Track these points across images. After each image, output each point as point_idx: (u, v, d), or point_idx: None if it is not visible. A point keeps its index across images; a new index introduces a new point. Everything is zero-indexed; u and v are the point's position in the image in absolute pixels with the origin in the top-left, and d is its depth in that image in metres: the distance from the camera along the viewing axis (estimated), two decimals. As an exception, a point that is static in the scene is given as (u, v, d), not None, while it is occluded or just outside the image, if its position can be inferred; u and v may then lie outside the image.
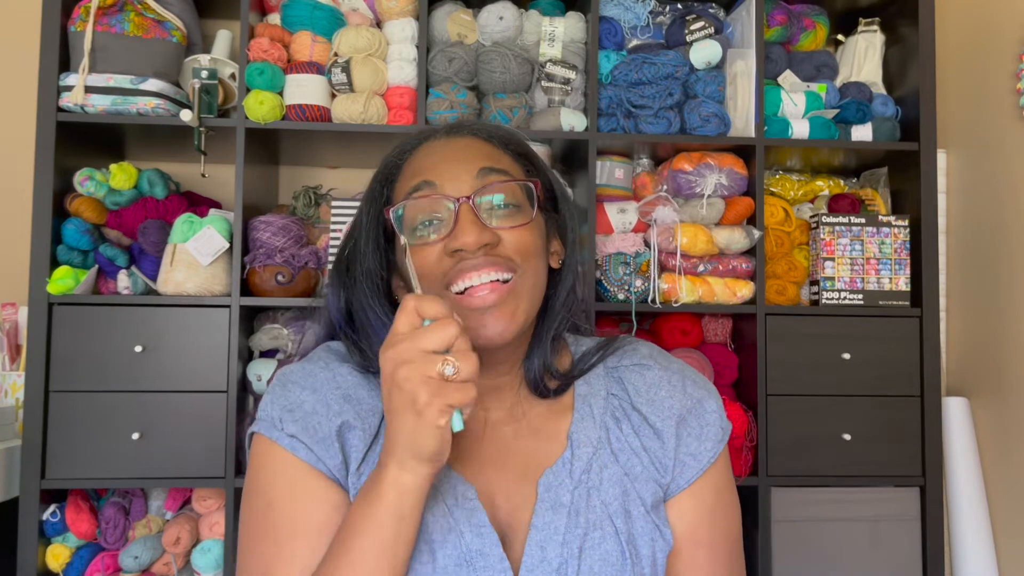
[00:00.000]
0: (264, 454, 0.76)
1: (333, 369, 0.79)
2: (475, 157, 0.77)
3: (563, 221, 0.84)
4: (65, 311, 1.59)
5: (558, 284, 0.82)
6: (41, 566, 1.60)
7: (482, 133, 0.81)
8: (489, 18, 1.72)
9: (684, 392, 0.82)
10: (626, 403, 0.82)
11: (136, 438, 1.57)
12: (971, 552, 1.76)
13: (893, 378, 1.72)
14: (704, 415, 0.82)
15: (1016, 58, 1.75)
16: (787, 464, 1.68)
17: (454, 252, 0.73)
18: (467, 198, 0.74)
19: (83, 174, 1.68)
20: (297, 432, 0.74)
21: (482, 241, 0.72)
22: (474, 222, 0.73)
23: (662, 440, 0.80)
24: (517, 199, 0.77)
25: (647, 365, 0.84)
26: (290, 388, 0.77)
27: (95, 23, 1.59)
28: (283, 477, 0.74)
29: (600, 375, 0.83)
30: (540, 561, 0.73)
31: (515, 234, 0.75)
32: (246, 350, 1.72)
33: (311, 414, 0.75)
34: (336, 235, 1.69)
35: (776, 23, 1.82)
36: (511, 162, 0.80)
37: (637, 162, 1.84)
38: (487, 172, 0.76)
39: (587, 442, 0.79)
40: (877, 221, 1.77)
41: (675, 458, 0.79)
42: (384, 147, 1.79)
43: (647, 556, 0.76)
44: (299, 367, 0.80)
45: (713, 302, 1.71)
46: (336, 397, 0.77)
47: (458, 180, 0.75)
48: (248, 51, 1.66)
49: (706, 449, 0.80)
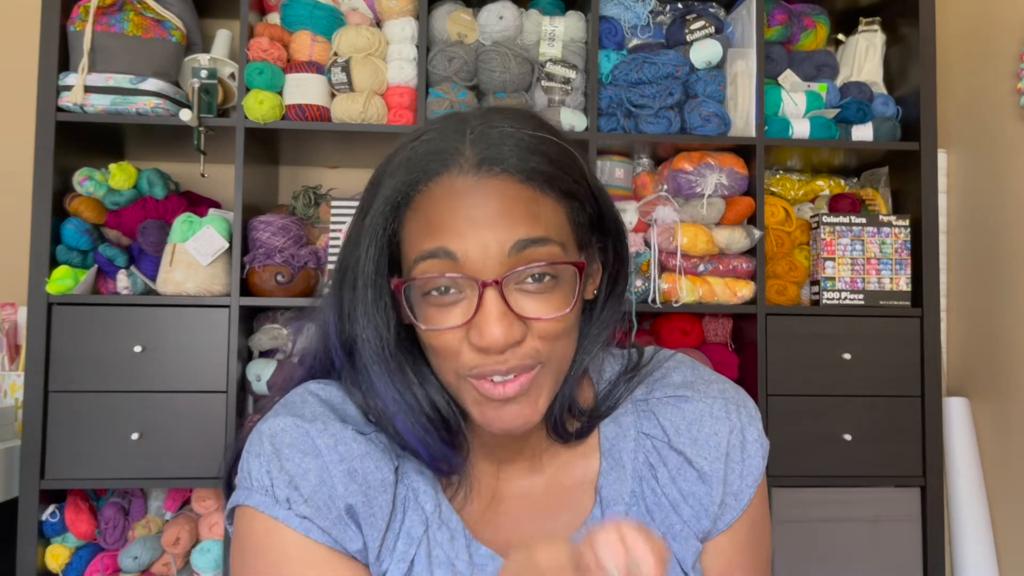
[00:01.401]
0: (267, 535, 0.62)
1: (333, 433, 0.64)
2: (509, 221, 0.59)
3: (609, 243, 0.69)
4: (64, 311, 1.59)
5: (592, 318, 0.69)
6: (40, 566, 1.60)
7: (521, 172, 0.61)
8: (489, 17, 1.72)
9: (729, 422, 0.70)
10: (663, 444, 0.70)
11: (136, 438, 1.57)
12: (971, 552, 1.76)
13: (893, 378, 1.71)
14: (747, 446, 0.70)
15: (1016, 58, 1.75)
16: (787, 464, 1.68)
17: (477, 347, 0.60)
18: (496, 283, 0.59)
19: (82, 174, 1.68)
20: (310, 514, 0.62)
21: (511, 339, 0.59)
22: (503, 315, 0.59)
23: (708, 484, 0.69)
24: (557, 271, 0.61)
25: (684, 396, 0.71)
26: (287, 456, 0.63)
27: (94, 23, 1.59)
28: (302, 563, 0.62)
29: (629, 411, 0.71)
30: None
31: (548, 325, 0.61)
32: (246, 350, 1.72)
33: (319, 487, 0.63)
34: (336, 235, 1.69)
35: (776, 23, 1.81)
36: (554, 213, 0.62)
37: (637, 162, 1.84)
38: (524, 245, 0.59)
39: (618, 498, 0.69)
40: (878, 221, 1.77)
41: (721, 502, 0.69)
42: (384, 147, 1.78)
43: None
44: (293, 427, 0.64)
45: (713, 302, 1.71)
46: (340, 472, 0.63)
47: (485, 254, 0.59)
48: (248, 51, 1.66)
49: (747, 486, 0.70)
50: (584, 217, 0.66)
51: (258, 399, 1.73)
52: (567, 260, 0.62)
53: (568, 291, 0.62)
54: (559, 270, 0.61)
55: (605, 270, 0.70)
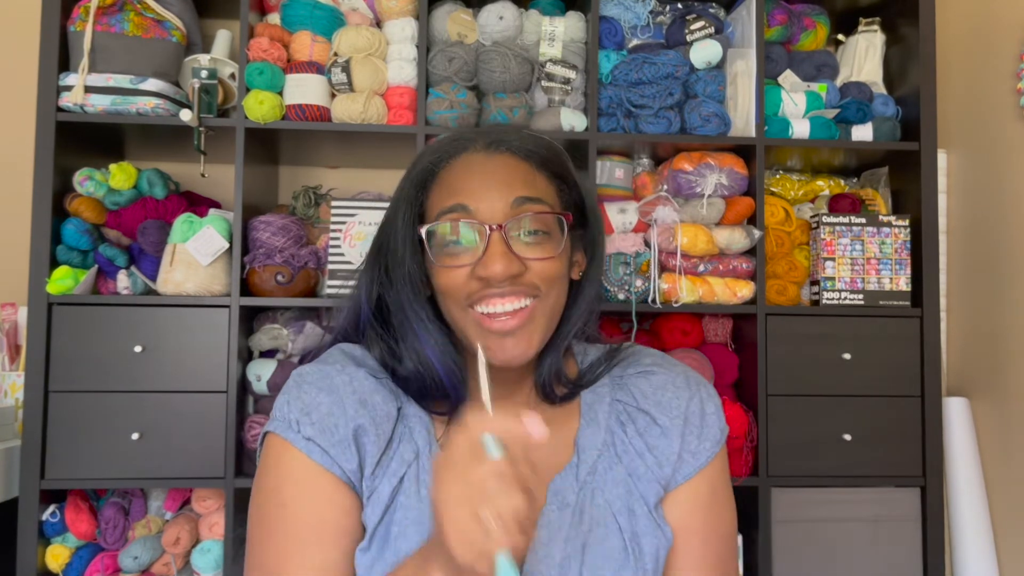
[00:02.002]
0: (278, 455, 0.76)
1: (349, 373, 0.79)
2: (511, 183, 0.77)
3: (590, 236, 0.85)
4: (65, 311, 1.59)
5: (577, 296, 0.84)
6: (41, 566, 1.60)
7: (521, 152, 0.80)
8: (489, 18, 1.72)
9: (688, 392, 0.85)
10: (632, 407, 0.84)
11: (136, 438, 1.57)
12: (971, 552, 1.76)
13: (893, 378, 1.72)
14: (706, 416, 0.84)
15: (1016, 58, 1.75)
16: (787, 464, 1.68)
17: (481, 277, 0.74)
18: (499, 227, 0.75)
19: (83, 174, 1.68)
20: (314, 435, 0.75)
21: (510, 272, 0.74)
22: (504, 253, 0.74)
23: (668, 438, 0.82)
24: (548, 227, 0.77)
25: (652, 370, 0.86)
26: (306, 389, 0.78)
27: (95, 23, 1.59)
28: (297, 479, 0.75)
29: (606, 384, 0.86)
30: (544, 556, 0.75)
31: (542, 263, 0.76)
32: (246, 350, 1.72)
33: (327, 416, 0.76)
34: (336, 235, 1.69)
35: (776, 23, 1.81)
36: (546, 185, 0.80)
37: (637, 162, 1.84)
38: (522, 201, 0.76)
39: (592, 447, 0.81)
40: (877, 221, 1.77)
41: (679, 455, 0.82)
42: (384, 147, 1.81)
43: (650, 553, 0.78)
44: (315, 368, 0.80)
45: (713, 302, 1.71)
46: (352, 401, 0.77)
47: (492, 207, 0.76)
48: (248, 51, 1.66)
49: (705, 448, 0.83)
50: (570, 199, 0.82)
51: (258, 399, 1.73)
52: (556, 212, 0.78)
53: (557, 242, 0.78)
54: (550, 224, 0.77)
55: (587, 257, 0.85)
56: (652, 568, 0.78)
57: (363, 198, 1.79)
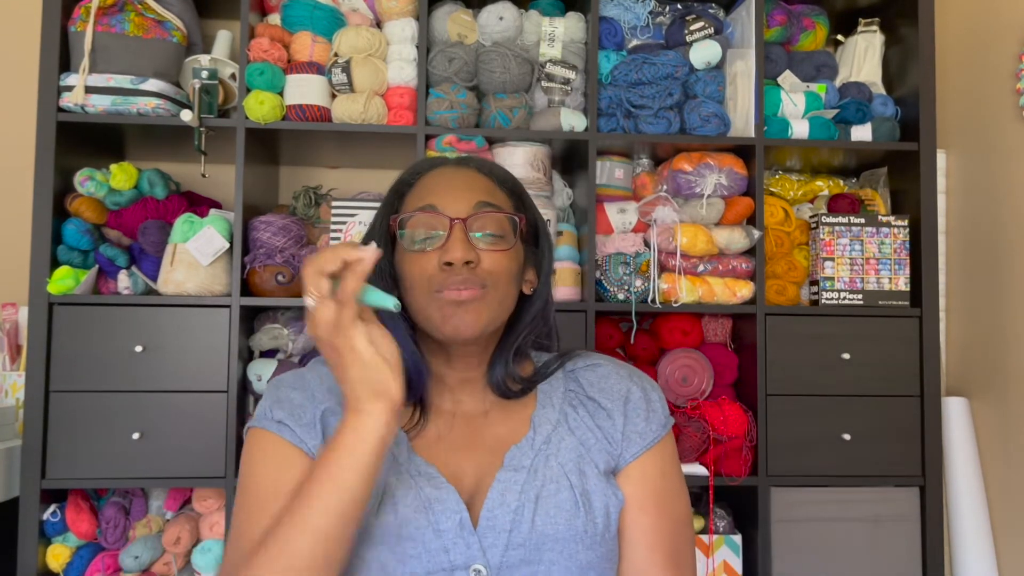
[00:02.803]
0: (255, 442, 0.87)
1: (318, 371, 0.91)
2: (475, 189, 0.89)
3: (541, 255, 0.96)
4: (65, 311, 1.59)
5: (526, 307, 0.94)
6: (41, 566, 1.60)
7: (484, 169, 0.94)
8: (489, 18, 1.72)
9: (631, 380, 0.95)
10: (581, 394, 0.94)
11: (136, 438, 1.58)
12: (971, 552, 1.76)
13: (893, 378, 1.72)
14: (652, 403, 0.94)
15: (1016, 58, 1.76)
16: (787, 464, 1.69)
17: (444, 265, 0.84)
18: (462, 220, 0.86)
19: (83, 174, 1.69)
20: (283, 418, 0.85)
21: (467, 257, 0.84)
22: (463, 240, 0.85)
23: (612, 419, 0.91)
24: (503, 231, 0.88)
25: (599, 364, 0.97)
26: (282, 389, 0.90)
27: (95, 23, 1.59)
28: (268, 455, 0.85)
29: (559, 377, 0.96)
30: (499, 504, 0.82)
31: (494, 256, 0.87)
32: (246, 350, 1.72)
33: (298, 407, 0.87)
34: (336, 235, 1.70)
35: (776, 23, 1.82)
36: (504, 198, 0.92)
37: (637, 162, 1.85)
38: (483, 205, 0.88)
39: (547, 422, 0.90)
40: (877, 221, 1.77)
41: (623, 433, 0.91)
42: (384, 147, 1.81)
43: (600, 508, 0.85)
44: (291, 373, 0.92)
45: (713, 302, 1.71)
46: (321, 390, 0.88)
47: (457, 206, 0.87)
48: (248, 51, 1.66)
49: (651, 430, 0.91)
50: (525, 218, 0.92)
51: (258, 399, 1.73)
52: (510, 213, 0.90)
53: (509, 243, 0.88)
54: (505, 228, 0.89)
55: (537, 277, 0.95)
56: (603, 523, 0.85)
57: (363, 198, 1.79)
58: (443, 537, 0.80)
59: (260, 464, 0.84)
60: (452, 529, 0.80)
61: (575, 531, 0.83)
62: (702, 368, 1.75)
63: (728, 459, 1.68)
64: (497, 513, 0.82)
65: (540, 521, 0.82)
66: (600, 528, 0.84)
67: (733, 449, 1.67)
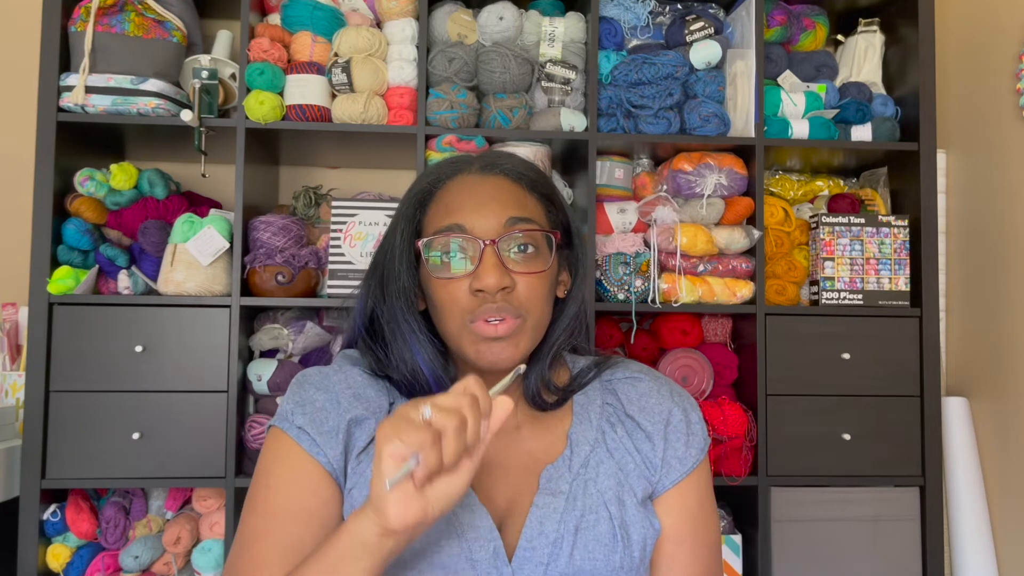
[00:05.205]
0: (275, 442, 0.84)
1: (345, 372, 0.88)
2: (504, 202, 0.83)
3: (574, 256, 0.91)
4: (65, 311, 1.59)
5: (561, 312, 0.90)
6: (41, 566, 1.60)
7: (512, 174, 0.87)
8: (489, 18, 1.73)
9: (672, 400, 0.90)
10: (620, 411, 0.89)
11: (136, 438, 1.58)
12: (971, 552, 1.76)
13: (893, 378, 1.72)
14: (692, 424, 0.90)
15: (1016, 58, 1.76)
16: (787, 464, 1.69)
17: (476, 292, 0.80)
18: (493, 242, 0.81)
19: (83, 174, 1.69)
20: (304, 424, 0.82)
21: (501, 284, 0.79)
22: (496, 265, 0.80)
23: (652, 442, 0.87)
24: (537, 244, 0.83)
25: (638, 378, 0.92)
26: (305, 388, 0.86)
27: (95, 23, 1.59)
28: (285, 463, 0.82)
29: (596, 388, 0.91)
30: (538, 534, 0.79)
31: (530, 281, 0.82)
32: (246, 350, 1.72)
33: (320, 410, 0.84)
34: (336, 235, 1.70)
35: (776, 23, 1.82)
36: (536, 205, 0.86)
37: (637, 162, 1.85)
38: (514, 221, 0.82)
39: (585, 441, 0.86)
40: (877, 221, 1.77)
41: (663, 459, 0.87)
42: (384, 147, 1.81)
43: (638, 541, 0.82)
44: (316, 370, 0.89)
45: (713, 302, 1.71)
46: (347, 396, 0.85)
47: (486, 224, 0.81)
48: (248, 51, 1.66)
49: (691, 455, 0.88)
50: (557, 220, 0.88)
51: (259, 399, 1.73)
52: (544, 230, 0.84)
53: (545, 259, 0.84)
54: (538, 240, 0.83)
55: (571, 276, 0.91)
56: (639, 555, 0.82)
57: (363, 198, 1.79)
58: (477, 568, 0.76)
59: (275, 468, 0.82)
60: (486, 559, 0.77)
61: (612, 566, 0.79)
62: (702, 368, 1.75)
63: (728, 459, 1.68)
64: (536, 544, 0.78)
65: (579, 556, 0.79)
66: (636, 561, 0.82)
67: (733, 449, 1.67)
